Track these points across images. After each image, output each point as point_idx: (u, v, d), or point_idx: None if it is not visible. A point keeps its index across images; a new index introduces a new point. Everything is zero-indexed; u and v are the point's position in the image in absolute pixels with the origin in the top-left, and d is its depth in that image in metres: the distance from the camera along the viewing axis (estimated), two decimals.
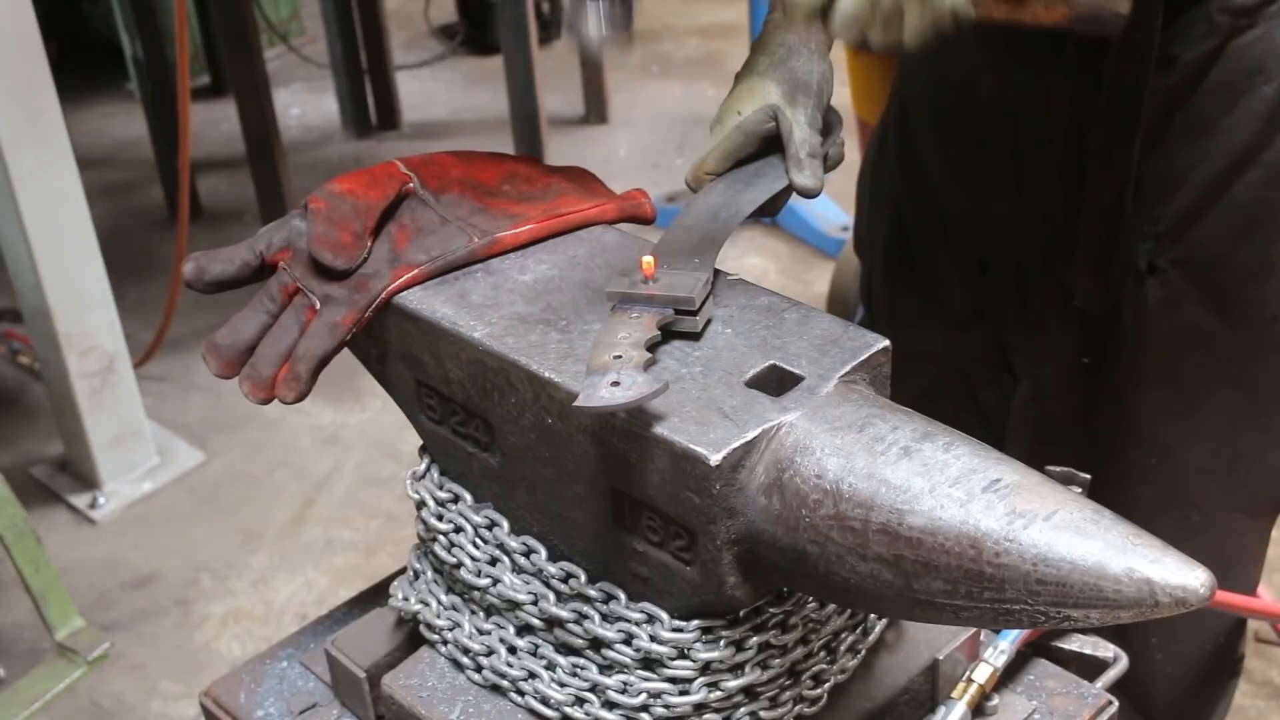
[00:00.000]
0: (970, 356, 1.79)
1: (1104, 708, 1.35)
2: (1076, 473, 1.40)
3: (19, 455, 3.55)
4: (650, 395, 1.05)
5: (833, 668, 1.24)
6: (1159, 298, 1.58)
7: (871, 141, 1.91)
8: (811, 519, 1.03)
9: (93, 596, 3.08)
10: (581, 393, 1.06)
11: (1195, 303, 1.57)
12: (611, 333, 1.14)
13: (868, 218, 1.93)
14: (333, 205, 1.30)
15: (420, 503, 1.31)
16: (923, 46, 1.23)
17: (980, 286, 1.73)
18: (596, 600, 1.20)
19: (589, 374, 1.08)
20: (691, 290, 1.17)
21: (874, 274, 1.92)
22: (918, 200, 1.80)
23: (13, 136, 2.95)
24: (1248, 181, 1.53)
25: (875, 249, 1.90)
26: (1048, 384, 1.70)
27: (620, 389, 1.05)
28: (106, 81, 5.36)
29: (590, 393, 1.06)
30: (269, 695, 1.44)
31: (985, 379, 1.79)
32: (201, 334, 1.60)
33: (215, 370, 1.28)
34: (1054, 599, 0.95)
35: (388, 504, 3.32)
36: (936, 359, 1.81)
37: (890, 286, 1.88)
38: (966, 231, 1.72)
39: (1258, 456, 1.69)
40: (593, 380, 1.07)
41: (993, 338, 1.76)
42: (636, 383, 1.06)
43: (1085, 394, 1.68)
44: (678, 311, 1.17)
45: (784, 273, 4.08)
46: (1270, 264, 1.57)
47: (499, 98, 4.45)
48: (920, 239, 1.80)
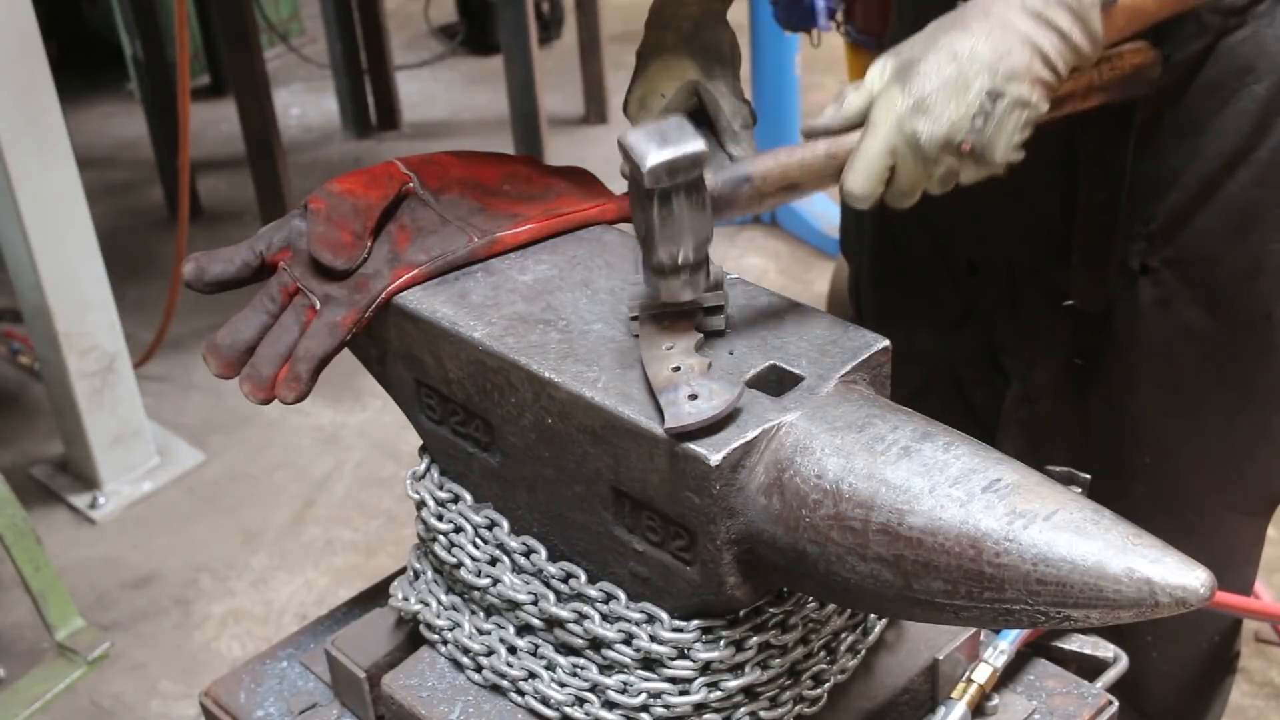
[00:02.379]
0: (960, 357, 1.79)
1: (1104, 708, 1.35)
2: (1076, 473, 1.40)
3: (19, 455, 3.55)
4: (736, 399, 1.06)
5: (833, 668, 1.24)
6: (1151, 297, 1.58)
7: None
8: (811, 519, 1.03)
9: (93, 596, 3.08)
10: (666, 415, 1.06)
11: (1188, 302, 1.57)
12: (655, 345, 1.14)
13: (854, 219, 1.92)
14: (333, 205, 1.30)
15: (420, 503, 1.31)
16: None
17: (970, 287, 1.73)
18: (596, 600, 1.20)
19: (660, 392, 1.08)
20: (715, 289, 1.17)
21: (862, 276, 1.91)
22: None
23: (13, 136, 2.95)
24: (1239, 181, 1.53)
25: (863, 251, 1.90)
26: (1039, 384, 1.70)
27: (702, 400, 1.06)
28: (106, 81, 5.36)
29: (675, 412, 1.06)
30: (269, 695, 1.44)
31: (976, 380, 1.79)
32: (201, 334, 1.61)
33: (215, 370, 1.28)
34: (1054, 599, 0.95)
35: (388, 504, 3.32)
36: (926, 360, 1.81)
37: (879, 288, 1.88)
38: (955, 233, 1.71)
39: (1251, 455, 1.69)
40: (667, 398, 1.07)
41: (983, 338, 1.76)
42: (713, 390, 1.06)
43: (1077, 394, 1.68)
44: (705, 311, 1.17)
45: (784, 273, 4.08)
46: (1262, 263, 1.57)
47: (499, 98, 4.45)
48: (908, 241, 1.80)
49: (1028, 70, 1.17)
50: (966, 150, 1.18)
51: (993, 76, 1.16)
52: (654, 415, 1.08)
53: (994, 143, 1.18)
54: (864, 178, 1.18)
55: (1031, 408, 1.70)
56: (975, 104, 1.16)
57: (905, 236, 1.80)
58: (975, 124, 1.16)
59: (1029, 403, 1.70)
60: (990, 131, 1.17)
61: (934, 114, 1.16)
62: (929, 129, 1.16)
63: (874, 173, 1.18)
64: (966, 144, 1.17)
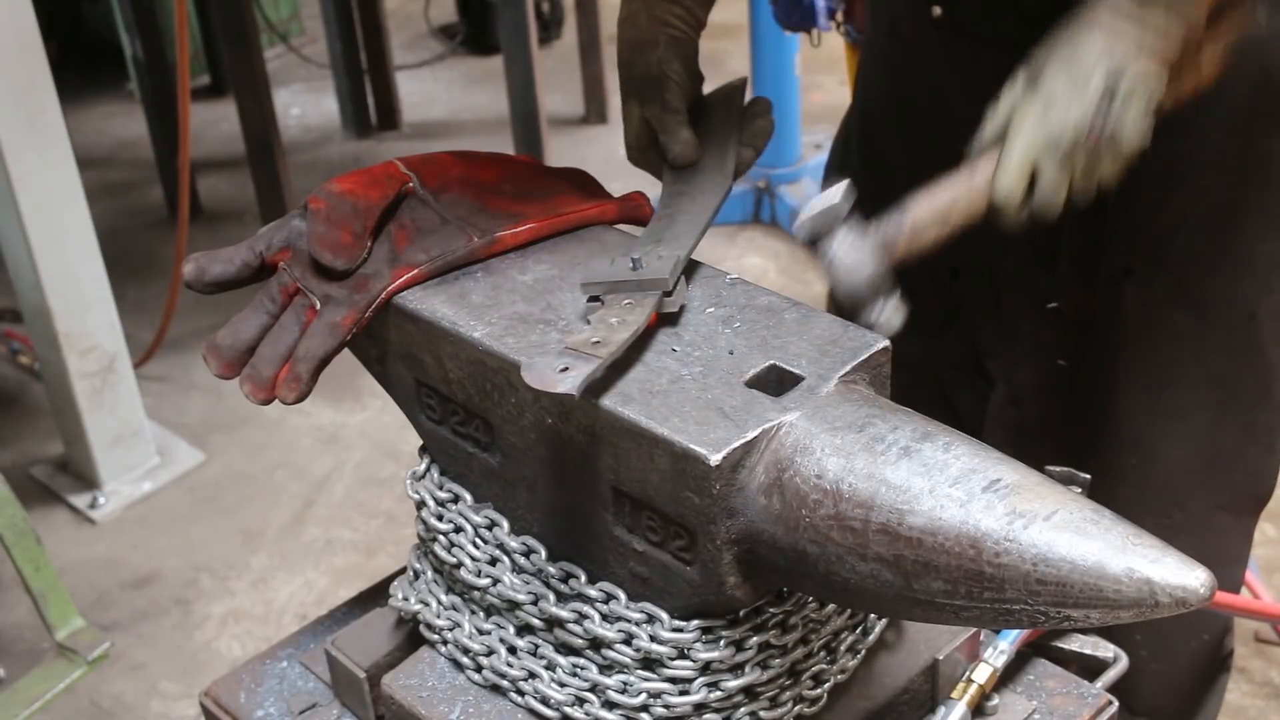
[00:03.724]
0: (944, 361, 1.79)
1: (1104, 708, 1.35)
2: (1076, 473, 1.40)
3: (19, 455, 3.55)
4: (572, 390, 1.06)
5: (833, 668, 1.24)
6: (1136, 298, 1.58)
7: (834, 149, 1.90)
8: (811, 519, 1.03)
9: (93, 596, 3.08)
10: (530, 367, 1.08)
11: (1173, 303, 1.57)
12: (609, 313, 1.16)
13: None
14: (333, 205, 1.30)
15: (420, 503, 1.31)
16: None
17: (952, 291, 1.72)
18: (596, 600, 1.20)
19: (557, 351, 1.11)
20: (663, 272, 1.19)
21: None
22: (885, 207, 1.80)
23: (13, 136, 2.95)
24: (1224, 182, 1.54)
25: None
26: (1024, 387, 1.70)
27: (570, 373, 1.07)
28: (106, 81, 5.36)
29: (540, 370, 1.08)
30: (269, 695, 1.44)
31: (959, 383, 1.79)
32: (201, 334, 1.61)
33: (216, 371, 1.28)
34: (1054, 599, 0.95)
35: (388, 504, 3.32)
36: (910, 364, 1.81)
37: None
38: None
39: (1238, 454, 1.69)
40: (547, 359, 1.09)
41: (966, 342, 1.75)
42: (581, 374, 1.07)
43: (1062, 396, 1.68)
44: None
45: (784, 273, 4.08)
46: (1248, 263, 1.57)
47: (499, 98, 4.45)
48: None
49: (1140, 48, 1.23)
50: (1095, 139, 1.23)
51: (1111, 59, 1.22)
52: (654, 415, 1.08)
53: (1123, 122, 1.23)
54: (1007, 180, 1.24)
55: (1016, 411, 1.70)
56: (1095, 95, 1.22)
57: None
58: (1102, 109, 1.22)
59: (1013, 406, 1.70)
60: (1118, 113, 1.23)
61: (1062, 106, 1.23)
62: (1059, 121, 1.22)
63: (1015, 176, 1.24)
64: (1094, 135, 1.23)
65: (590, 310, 1.19)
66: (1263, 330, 1.62)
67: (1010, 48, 1.54)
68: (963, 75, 1.60)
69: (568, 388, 1.06)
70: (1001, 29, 1.54)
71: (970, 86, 1.61)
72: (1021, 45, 1.53)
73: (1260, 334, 1.62)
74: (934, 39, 1.61)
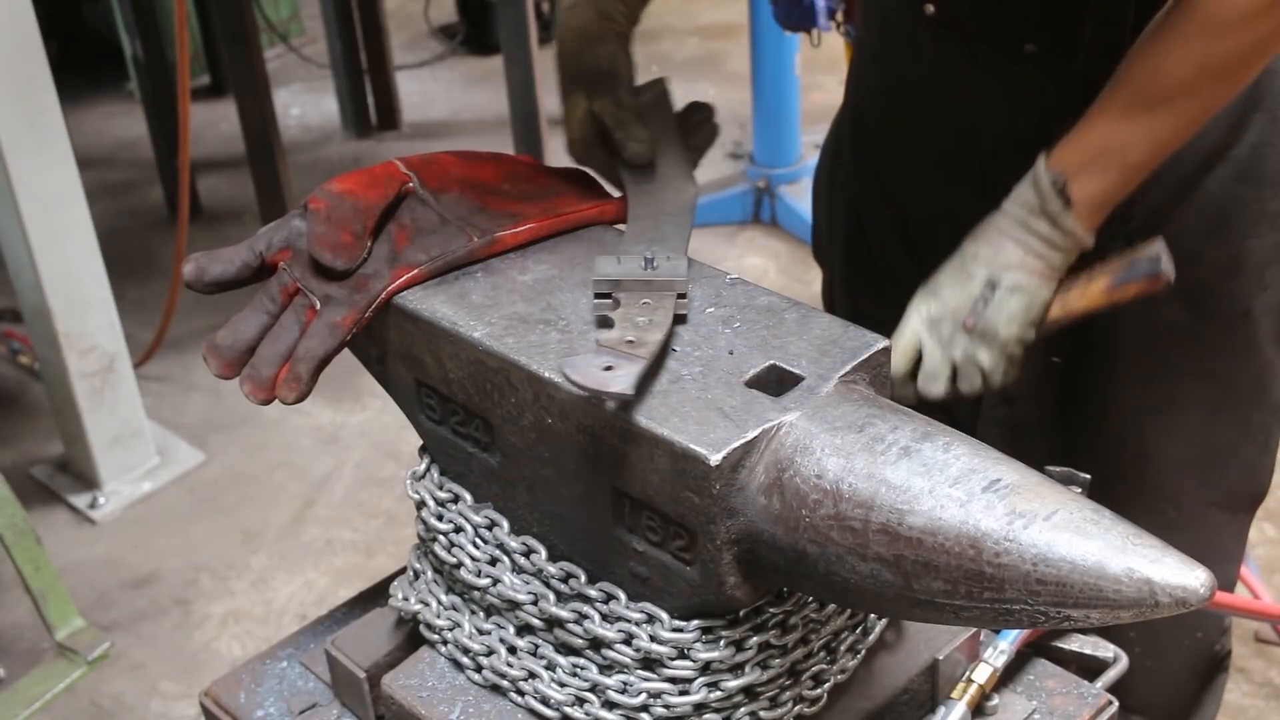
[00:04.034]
0: None
1: (1104, 708, 1.35)
2: (1076, 473, 1.40)
3: (19, 455, 3.55)
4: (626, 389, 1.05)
5: (833, 668, 1.24)
6: None
7: (825, 148, 1.90)
8: (811, 519, 1.03)
9: (93, 596, 3.08)
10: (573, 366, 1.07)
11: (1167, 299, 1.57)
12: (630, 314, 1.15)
13: (826, 225, 1.92)
14: (332, 205, 1.30)
15: (420, 503, 1.31)
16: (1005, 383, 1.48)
17: None
18: (596, 600, 1.20)
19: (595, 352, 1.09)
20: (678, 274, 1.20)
21: (835, 281, 1.91)
22: (877, 207, 1.80)
23: (13, 136, 2.95)
24: (1218, 178, 1.54)
25: (835, 256, 1.90)
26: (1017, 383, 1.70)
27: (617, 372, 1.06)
28: (106, 81, 5.36)
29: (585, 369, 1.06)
30: (269, 695, 1.44)
31: None
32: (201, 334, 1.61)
33: (216, 371, 1.27)
34: (1054, 599, 0.95)
35: (388, 504, 3.32)
36: None
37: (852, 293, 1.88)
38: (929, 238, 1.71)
39: (1233, 452, 1.69)
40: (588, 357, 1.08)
41: None
42: (630, 373, 1.06)
43: (1055, 393, 1.68)
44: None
45: (784, 273, 4.08)
46: (1241, 259, 1.57)
47: (499, 98, 4.45)
48: (881, 246, 1.80)
49: (1021, 263, 1.42)
50: (970, 326, 1.43)
51: (990, 268, 1.42)
52: (654, 415, 1.08)
53: (995, 320, 1.42)
54: (895, 355, 1.42)
55: (1009, 408, 1.70)
56: (976, 290, 1.43)
57: (878, 242, 1.80)
58: (977, 307, 1.43)
59: (1007, 403, 1.70)
60: (990, 312, 1.42)
61: (941, 297, 1.45)
62: (940, 305, 1.45)
63: (900, 350, 1.45)
64: (969, 320, 1.43)
65: (602, 308, 1.19)
66: (1258, 327, 1.62)
67: (1002, 45, 1.54)
68: (955, 73, 1.60)
69: (622, 387, 1.05)
70: (994, 26, 1.54)
71: (962, 84, 1.61)
72: (1013, 43, 1.53)
73: (1255, 331, 1.62)
74: (926, 37, 1.61)
